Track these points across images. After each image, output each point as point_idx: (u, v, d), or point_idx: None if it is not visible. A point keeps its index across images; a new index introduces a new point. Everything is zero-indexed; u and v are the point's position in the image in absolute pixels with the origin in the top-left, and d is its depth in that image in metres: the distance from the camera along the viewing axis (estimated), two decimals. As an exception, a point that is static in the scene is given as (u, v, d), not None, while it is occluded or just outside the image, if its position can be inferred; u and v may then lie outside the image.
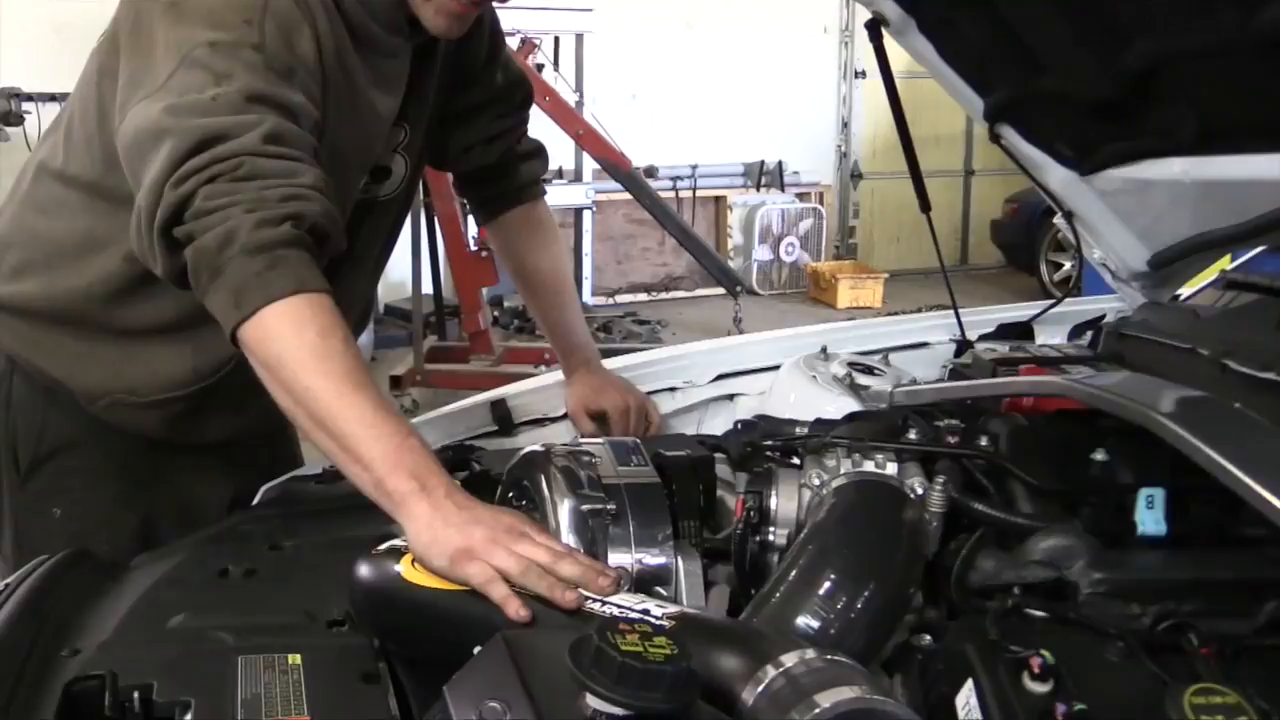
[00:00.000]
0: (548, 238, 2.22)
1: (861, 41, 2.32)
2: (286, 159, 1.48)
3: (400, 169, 1.94)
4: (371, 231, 1.95)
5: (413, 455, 1.36)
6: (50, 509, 1.90)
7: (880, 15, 1.95)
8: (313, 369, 1.39)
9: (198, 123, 1.46)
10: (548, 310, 2.20)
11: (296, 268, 1.42)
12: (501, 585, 1.24)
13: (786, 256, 10.76)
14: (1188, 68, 1.69)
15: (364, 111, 1.76)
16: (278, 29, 1.56)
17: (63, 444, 1.90)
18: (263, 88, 1.51)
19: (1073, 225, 2.18)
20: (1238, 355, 1.66)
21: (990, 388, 1.75)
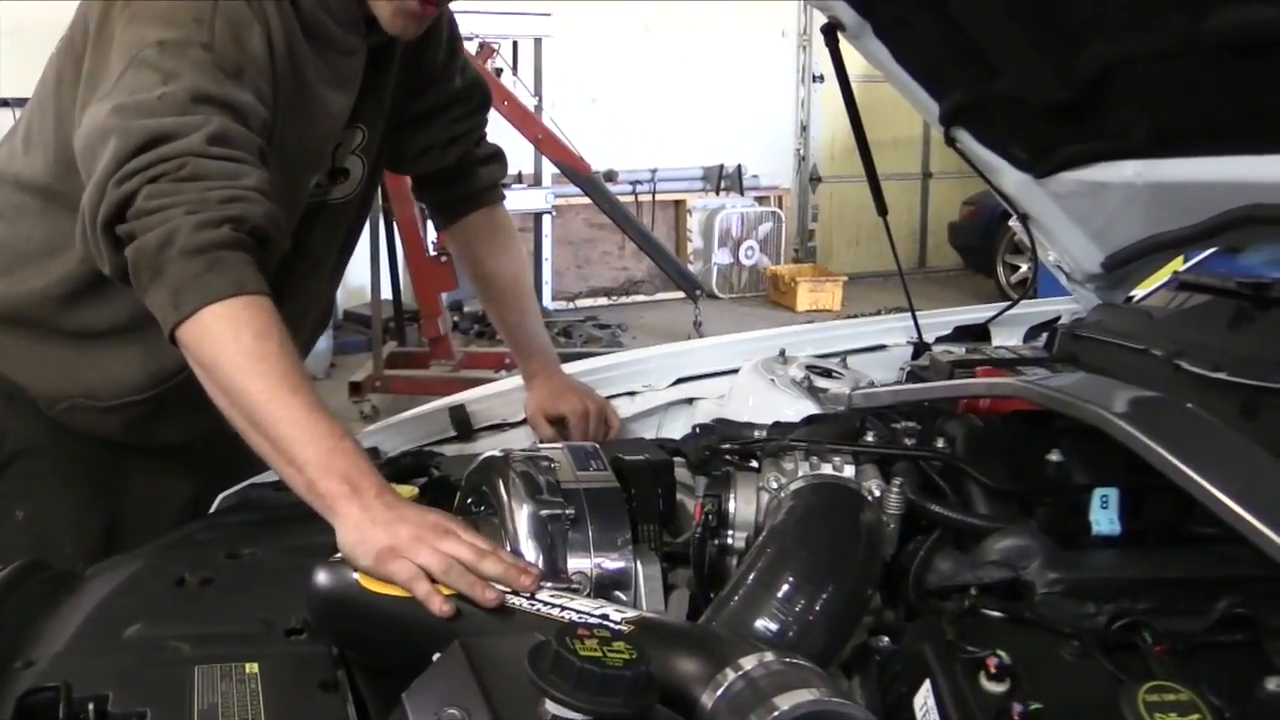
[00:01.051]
0: (506, 242, 2.21)
1: (819, 46, 2.33)
2: (230, 160, 1.49)
3: (358, 171, 1.93)
4: (328, 233, 1.95)
5: (344, 457, 1.38)
6: (13, 512, 1.89)
7: (836, 20, 1.96)
8: (247, 371, 1.40)
9: (142, 123, 1.47)
10: (506, 315, 2.20)
11: (235, 270, 1.43)
12: (424, 583, 1.26)
13: (746, 260, 10.80)
14: (1139, 71, 1.71)
15: (315, 110, 1.76)
16: (227, 27, 1.56)
17: (25, 447, 1.89)
18: (209, 87, 1.51)
19: (1028, 228, 2.19)
20: (1190, 355, 1.68)
21: (947, 389, 1.76)
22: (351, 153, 1.91)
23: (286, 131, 1.68)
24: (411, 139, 2.06)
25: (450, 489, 1.67)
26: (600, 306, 10.17)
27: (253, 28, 1.59)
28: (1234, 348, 1.70)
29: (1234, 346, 1.71)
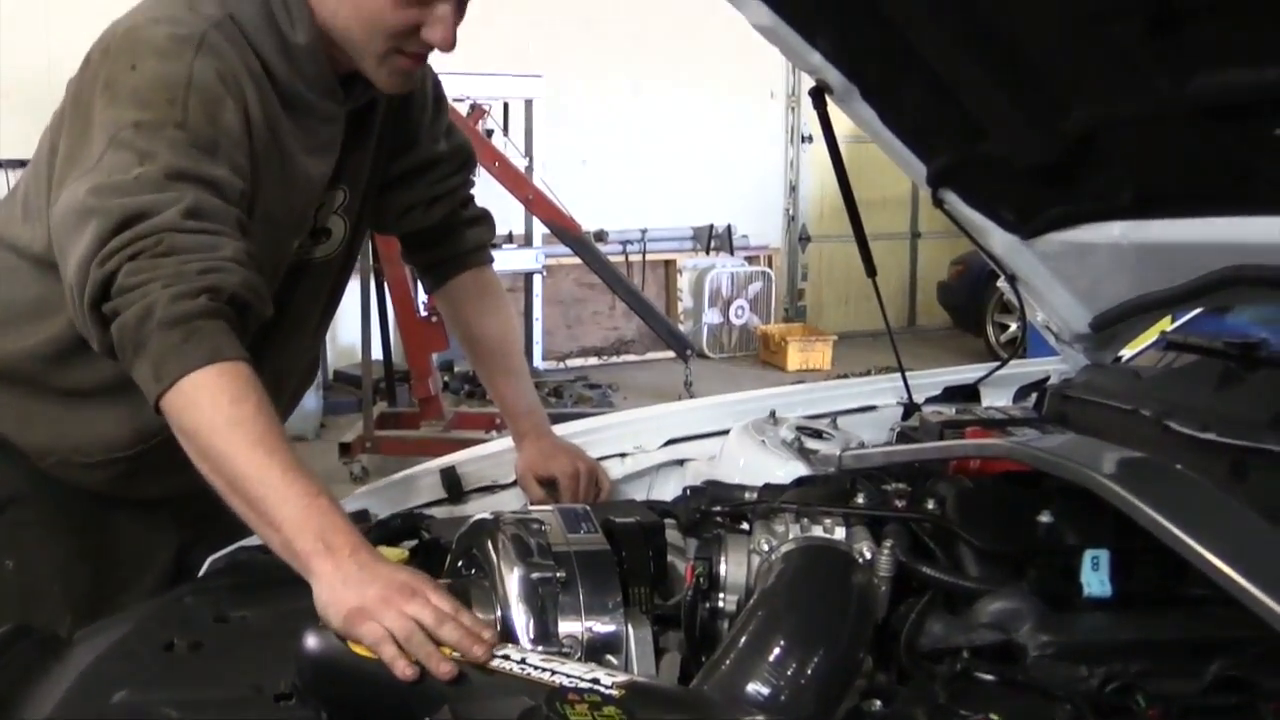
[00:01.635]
0: (495, 303, 2.22)
1: (808, 107, 2.39)
2: (206, 233, 1.53)
3: (340, 230, 1.95)
4: (310, 292, 1.97)
5: (320, 516, 1.41)
6: (3, 561, 1.91)
7: (824, 83, 1.98)
8: (225, 435, 1.45)
9: (120, 202, 1.52)
10: (495, 376, 2.20)
11: (212, 338, 1.48)
12: (390, 646, 1.29)
13: (736, 319, 10.81)
14: (1124, 134, 1.73)
15: (296, 177, 1.78)
16: (201, 104, 1.60)
17: (13, 496, 1.92)
18: (184, 164, 1.56)
19: (1016, 288, 2.21)
20: (1178, 416, 1.68)
21: (937, 451, 1.76)
22: (334, 213, 1.93)
23: (268, 199, 1.71)
24: (394, 198, 2.08)
25: (441, 551, 1.67)
26: (591, 366, 10.16)
27: (226, 103, 1.63)
28: (1222, 408, 1.71)
29: (1222, 407, 1.72)
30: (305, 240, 1.90)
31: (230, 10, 1.68)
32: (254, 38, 1.69)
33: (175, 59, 1.61)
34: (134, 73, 1.62)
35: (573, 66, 9.61)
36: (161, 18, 1.66)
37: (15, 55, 7.69)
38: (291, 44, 1.71)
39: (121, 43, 1.66)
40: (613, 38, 9.97)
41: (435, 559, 1.66)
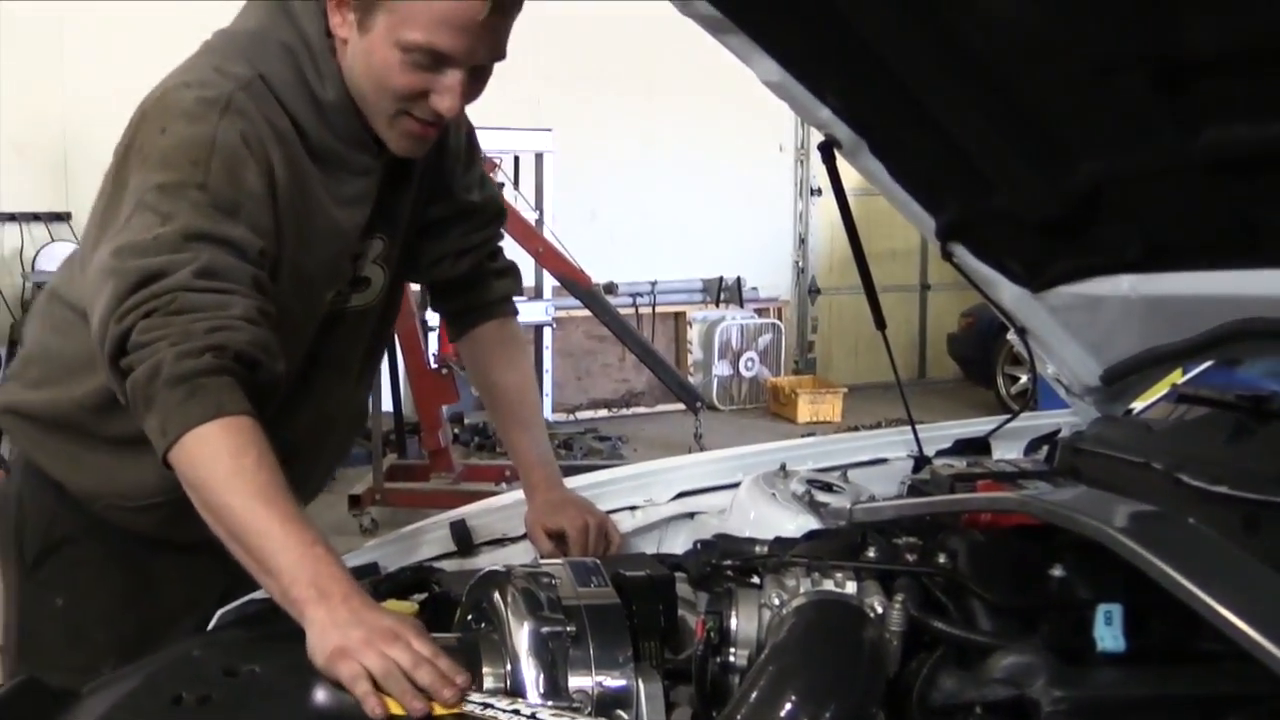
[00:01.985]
0: (515, 355, 2.25)
1: (817, 160, 2.39)
2: (216, 292, 1.59)
3: (379, 279, 2.00)
4: (349, 339, 2.02)
5: (314, 564, 1.47)
6: (54, 599, 2.01)
7: (833, 138, 1.99)
8: (225, 488, 1.51)
9: (137, 263, 1.58)
10: (510, 426, 2.22)
11: (216, 394, 1.53)
12: (364, 683, 1.35)
13: (746, 371, 10.81)
14: (1132, 187, 1.74)
15: (328, 230, 1.82)
16: (223, 166, 1.65)
17: (70, 536, 2.01)
18: (201, 225, 1.61)
19: (1026, 341, 2.21)
20: (1190, 469, 1.68)
21: (948, 504, 1.75)
22: (372, 261, 1.97)
23: (296, 253, 1.75)
24: (425, 248, 2.11)
25: (451, 605, 1.66)
26: (601, 419, 10.16)
27: (249, 164, 1.67)
28: (1234, 461, 1.70)
29: (1234, 460, 1.71)
30: (344, 289, 1.94)
31: (260, 70, 1.73)
32: (284, 96, 1.74)
33: (201, 122, 1.66)
34: (163, 136, 1.67)
35: (583, 120, 9.68)
36: (192, 82, 1.72)
37: (31, 113, 7.77)
38: (322, 100, 1.76)
39: (154, 108, 1.72)
40: (623, 92, 10.06)
41: (445, 612, 1.66)
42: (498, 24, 1.65)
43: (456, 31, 1.63)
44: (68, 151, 7.71)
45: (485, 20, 1.62)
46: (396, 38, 1.65)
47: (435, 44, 1.64)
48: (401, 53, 1.65)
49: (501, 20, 1.66)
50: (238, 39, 1.78)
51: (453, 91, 1.69)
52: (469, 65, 1.68)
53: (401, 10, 1.63)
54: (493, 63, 1.74)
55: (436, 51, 1.65)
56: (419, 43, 1.64)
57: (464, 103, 1.73)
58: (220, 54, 1.76)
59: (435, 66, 1.67)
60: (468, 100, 1.74)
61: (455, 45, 1.64)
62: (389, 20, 1.65)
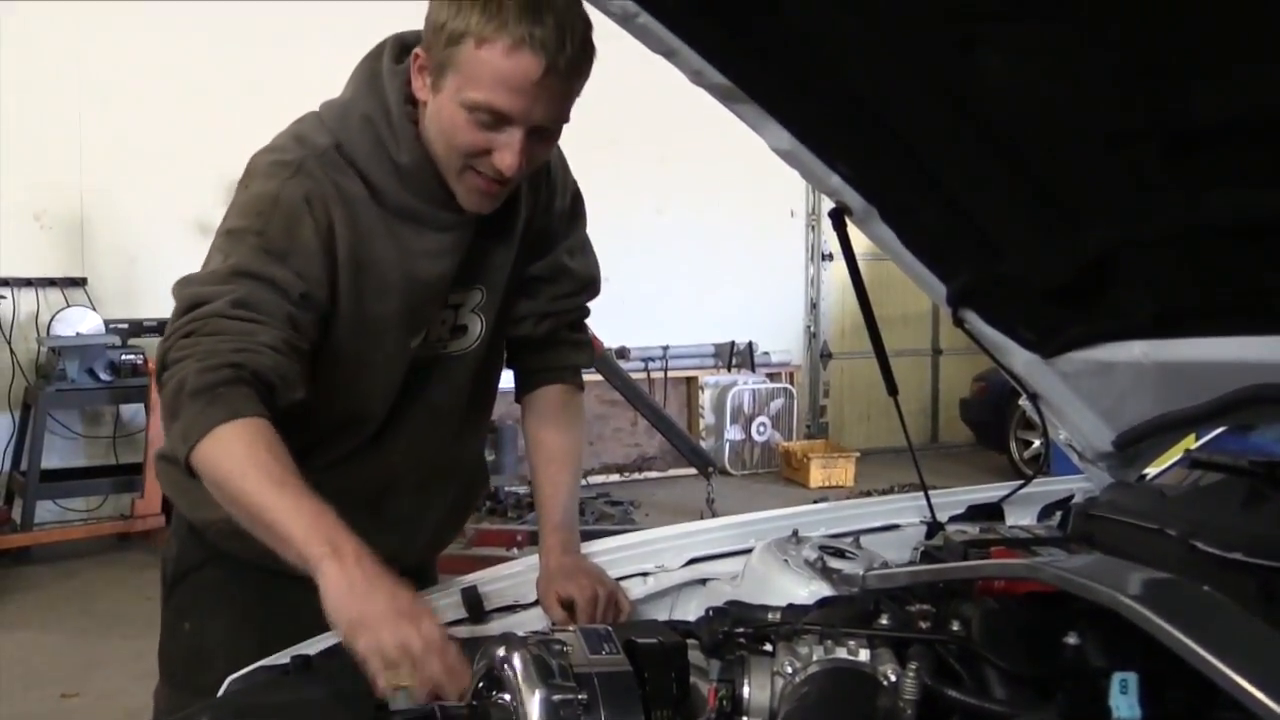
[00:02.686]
0: (569, 419, 2.32)
1: (828, 224, 2.41)
2: (248, 320, 1.76)
3: (476, 328, 2.12)
4: (445, 384, 2.13)
5: (327, 527, 1.60)
6: (183, 623, 2.20)
7: (844, 204, 2.00)
8: (241, 476, 1.66)
9: (190, 290, 1.80)
10: (544, 484, 2.26)
11: (232, 400, 1.68)
12: (377, 659, 1.49)
13: (758, 436, 10.81)
14: (1142, 254, 1.74)
15: (405, 282, 1.95)
16: (282, 219, 1.85)
17: (195, 564, 2.19)
18: (249, 264, 1.80)
19: (1038, 407, 2.20)
20: (1204, 535, 1.67)
21: (961, 571, 1.74)
22: (471, 310, 2.09)
23: (367, 304, 1.94)
24: (515, 303, 2.19)
25: (462, 673, 1.65)
26: (613, 483, 10.14)
27: (305, 221, 1.86)
28: (1249, 528, 1.69)
29: (1249, 526, 1.70)
30: (443, 335, 2.09)
31: (340, 140, 1.92)
32: (362, 163, 1.91)
33: (272, 180, 1.87)
34: (245, 191, 1.90)
35: (596, 185, 9.66)
36: (275, 147, 1.94)
37: (50, 180, 7.84)
38: (398, 164, 1.91)
39: (247, 169, 1.94)
40: (636, 158, 10.12)
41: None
42: (555, 86, 1.76)
43: (514, 91, 1.74)
44: (85, 218, 7.79)
45: (541, 80, 1.73)
46: (461, 97, 1.77)
47: (494, 103, 1.75)
48: (466, 111, 1.77)
49: (560, 83, 1.76)
50: (330, 110, 1.96)
51: (512, 149, 1.79)
52: (527, 125, 1.78)
53: (465, 71, 1.75)
54: (555, 125, 1.85)
55: (496, 110, 1.76)
56: (479, 101, 1.75)
57: (525, 161, 1.82)
58: (308, 124, 1.96)
59: (496, 125, 1.78)
60: (532, 161, 1.86)
61: (513, 104, 1.75)
62: (456, 80, 1.77)
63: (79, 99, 7.96)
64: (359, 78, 1.96)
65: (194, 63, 8.10)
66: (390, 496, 2.15)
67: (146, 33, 8.13)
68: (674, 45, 1.73)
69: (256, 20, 8.22)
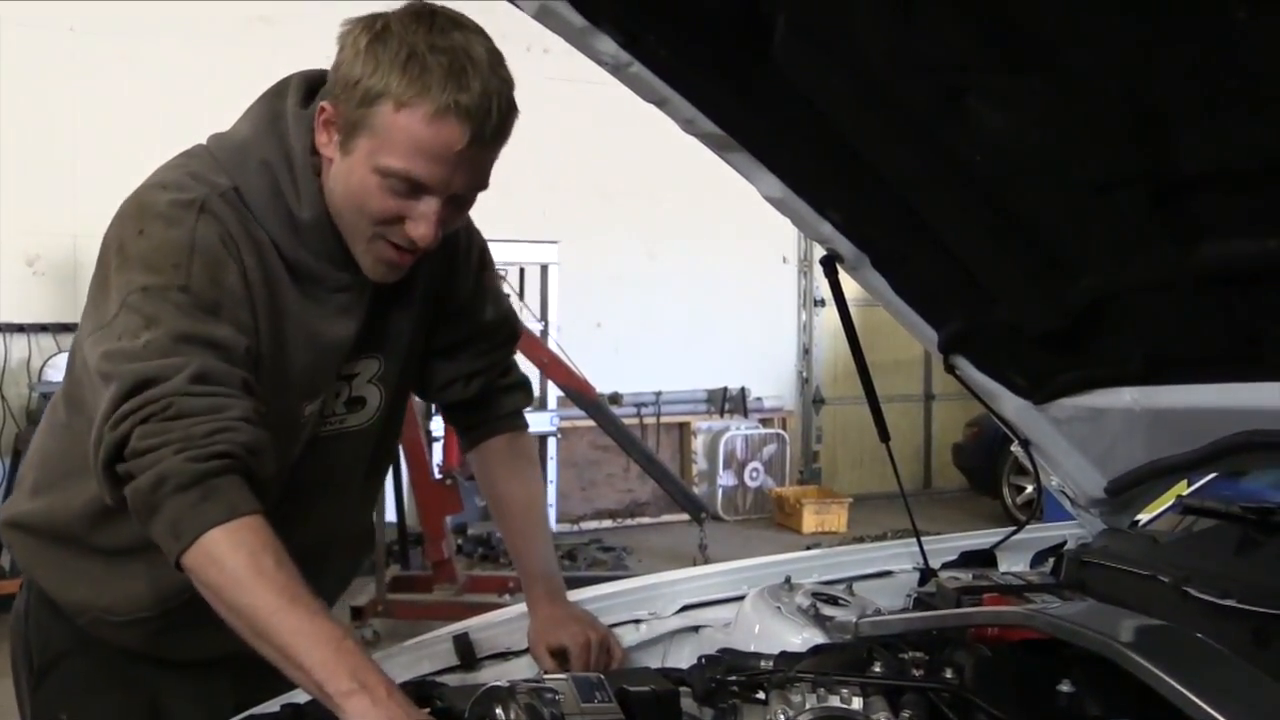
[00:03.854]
0: (523, 467, 2.24)
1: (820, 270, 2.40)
2: (213, 396, 1.61)
3: (375, 399, 1.99)
4: (349, 459, 2.01)
5: (350, 657, 1.49)
6: (58, 714, 2.01)
7: (835, 252, 2.01)
8: (248, 588, 1.52)
9: (131, 368, 1.60)
10: (515, 538, 2.22)
11: (228, 495, 1.56)
12: None
13: (751, 482, 10.78)
14: (1132, 301, 1.75)
15: (305, 341, 1.82)
16: (204, 267, 1.68)
17: (65, 651, 2.02)
18: (188, 328, 1.64)
19: (1029, 453, 2.21)
20: (1197, 582, 1.67)
21: (954, 618, 1.74)
22: (368, 381, 1.97)
23: (271, 358, 1.77)
24: (436, 369, 2.11)
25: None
26: (605, 529, 10.10)
27: (228, 265, 1.71)
28: (1242, 574, 1.70)
29: (1242, 573, 1.71)
30: (339, 409, 1.94)
31: (237, 183, 1.76)
32: (258, 211, 1.76)
33: (178, 225, 1.69)
34: (141, 238, 1.70)
35: (588, 232, 9.77)
36: (168, 183, 1.75)
37: (42, 225, 7.86)
38: (297, 219, 1.77)
39: (130, 208, 1.75)
40: (628, 204, 10.16)
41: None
42: (476, 155, 1.66)
43: (433, 160, 1.64)
44: (78, 264, 7.80)
45: (463, 150, 1.63)
46: (375, 162, 1.66)
47: (412, 172, 1.65)
48: (380, 177, 1.66)
49: (480, 152, 1.67)
50: (223, 148, 1.81)
51: (428, 220, 1.69)
52: (446, 195, 1.69)
53: (382, 135, 1.64)
54: (472, 193, 1.75)
55: (413, 179, 1.66)
56: (396, 169, 1.65)
57: (440, 231, 1.72)
58: (201, 161, 1.80)
59: (412, 194, 1.68)
60: (446, 228, 1.74)
61: (432, 174, 1.65)
62: (369, 144, 1.66)
63: (73, 145, 8.00)
64: (258, 116, 1.81)
65: (189, 110, 8.12)
66: None
67: (141, 79, 8.19)
68: (666, 94, 1.74)
69: (252, 68, 8.24)
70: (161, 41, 8.27)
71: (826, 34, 1.55)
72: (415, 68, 1.60)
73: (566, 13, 1.62)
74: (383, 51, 1.62)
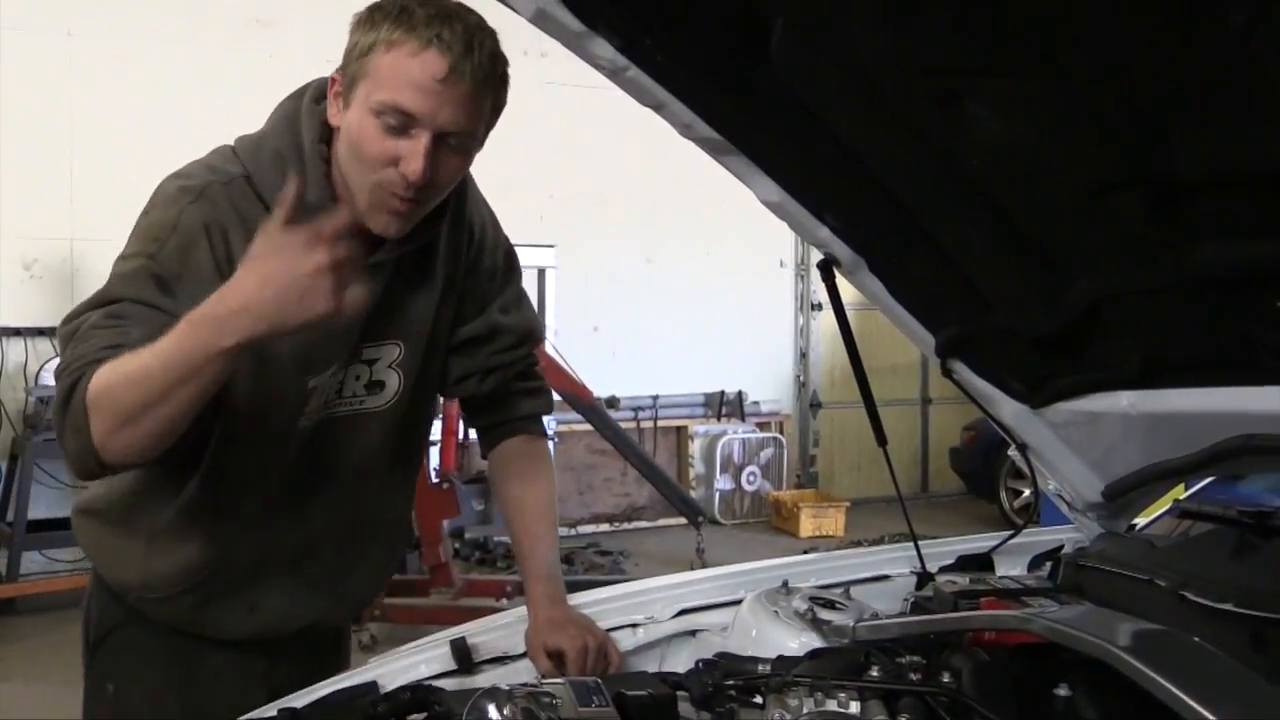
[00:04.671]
0: (536, 470, 2.28)
1: (817, 274, 2.41)
2: (122, 326, 1.76)
3: (394, 383, 2.07)
4: (362, 441, 2.08)
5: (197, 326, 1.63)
6: (106, 685, 2.18)
7: (832, 256, 2.01)
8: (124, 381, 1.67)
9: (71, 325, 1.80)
10: (522, 538, 2.24)
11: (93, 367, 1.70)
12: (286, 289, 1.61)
13: (748, 486, 10.78)
14: (1129, 304, 1.75)
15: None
16: (177, 245, 1.84)
17: (114, 626, 2.17)
18: (128, 291, 1.80)
19: (1027, 457, 2.21)
20: (1194, 586, 1.67)
21: (951, 622, 1.74)
22: (389, 366, 2.05)
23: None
24: (454, 364, 2.18)
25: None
26: (602, 533, 10.11)
27: (200, 246, 1.84)
28: (1239, 578, 1.69)
29: (1239, 577, 1.70)
30: (358, 390, 2.04)
31: (250, 170, 1.91)
32: (269, 197, 1.87)
33: (172, 206, 1.86)
34: (145, 217, 1.89)
35: (585, 236, 9.79)
36: (183, 173, 1.93)
37: (41, 230, 7.86)
38: (305, 201, 1.81)
39: (153, 194, 1.92)
40: (625, 208, 10.17)
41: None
42: (461, 89, 1.76)
43: (419, 90, 1.75)
44: (75, 268, 7.80)
45: (446, 79, 1.74)
46: (370, 101, 1.77)
47: (400, 102, 1.75)
48: (374, 116, 1.77)
49: (467, 88, 1.77)
50: (243, 143, 1.96)
51: (418, 155, 1.77)
52: (434, 127, 1.77)
53: (374, 76, 1.77)
54: (463, 138, 1.83)
55: (401, 109, 1.76)
56: (386, 101, 1.76)
57: (432, 172, 1.80)
58: (221, 155, 1.96)
59: (403, 129, 1.77)
60: (439, 177, 1.83)
61: (419, 104, 1.75)
62: (365, 87, 1.78)
63: (70, 149, 8.00)
64: (277, 115, 1.97)
65: (186, 113, 8.13)
66: (311, 558, 2.12)
67: (138, 82, 8.19)
68: (663, 98, 1.74)
69: (250, 72, 8.27)
70: (158, 45, 8.28)
71: (823, 38, 1.55)
72: (405, 17, 1.75)
73: (563, 17, 1.63)
74: (379, 15, 1.78)
